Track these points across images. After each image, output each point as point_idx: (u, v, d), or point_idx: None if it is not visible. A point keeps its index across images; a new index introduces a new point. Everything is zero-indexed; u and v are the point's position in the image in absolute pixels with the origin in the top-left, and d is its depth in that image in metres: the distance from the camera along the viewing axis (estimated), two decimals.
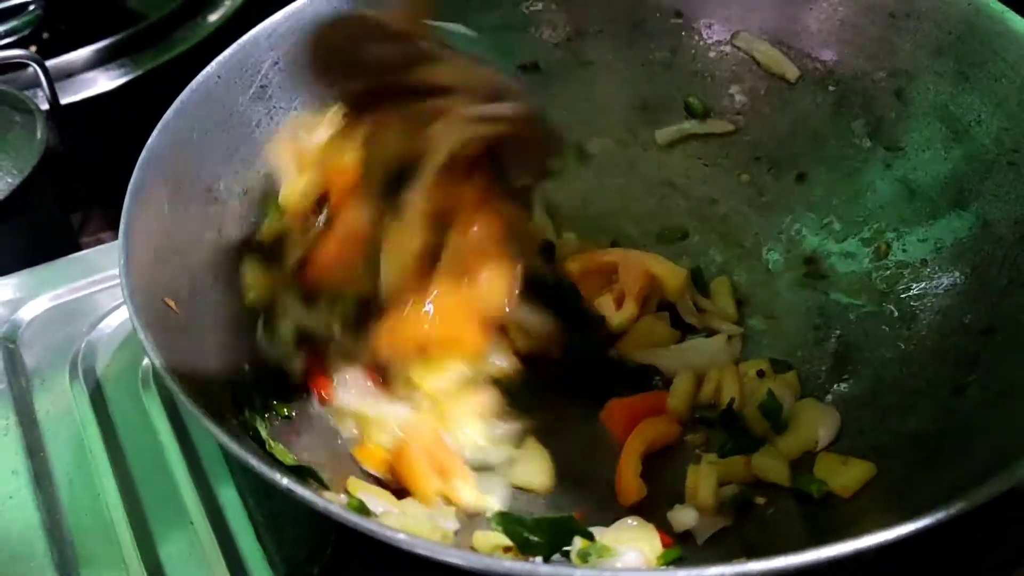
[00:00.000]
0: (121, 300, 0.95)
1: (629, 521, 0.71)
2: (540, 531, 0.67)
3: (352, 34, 0.70)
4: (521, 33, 0.98)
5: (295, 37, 0.88)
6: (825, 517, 0.71)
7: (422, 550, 0.54)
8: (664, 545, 0.69)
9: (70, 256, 1.03)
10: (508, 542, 0.68)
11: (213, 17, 1.61)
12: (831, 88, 0.90)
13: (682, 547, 0.70)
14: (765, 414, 0.77)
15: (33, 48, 1.46)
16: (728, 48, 0.94)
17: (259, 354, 0.78)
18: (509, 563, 0.54)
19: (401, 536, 0.53)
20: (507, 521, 0.69)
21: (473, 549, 0.69)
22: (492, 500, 0.76)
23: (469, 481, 0.76)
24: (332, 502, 0.56)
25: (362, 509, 0.69)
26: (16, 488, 0.83)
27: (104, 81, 1.48)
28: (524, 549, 0.67)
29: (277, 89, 0.87)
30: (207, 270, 0.78)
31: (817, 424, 0.77)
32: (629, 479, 0.76)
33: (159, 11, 1.57)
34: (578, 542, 0.65)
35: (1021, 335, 0.71)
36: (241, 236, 0.83)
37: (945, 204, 0.81)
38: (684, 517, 0.72)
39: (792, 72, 0.92)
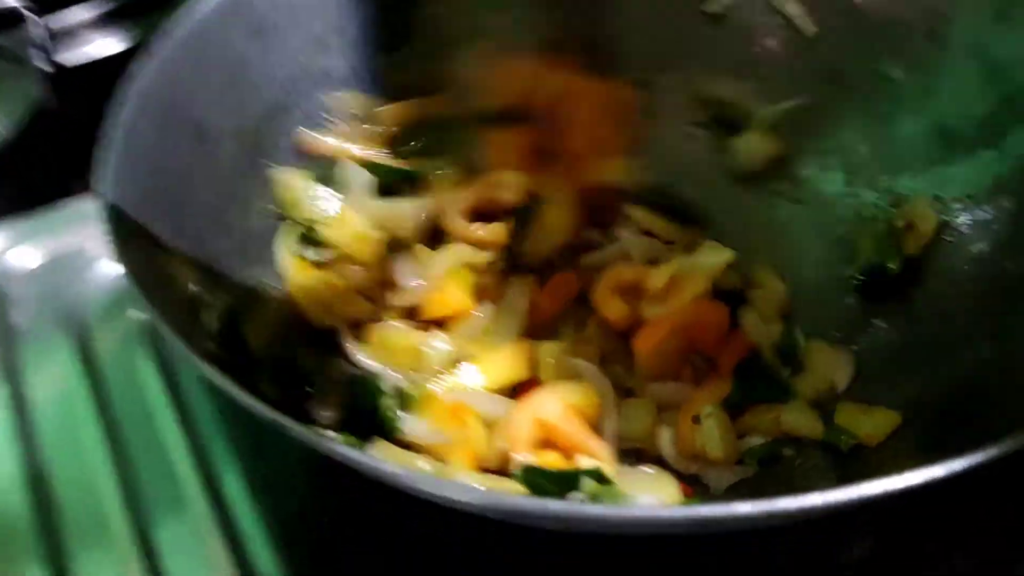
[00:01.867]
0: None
1: (646, 469, 0.67)
2: (556, 480, 0.64)
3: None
4: None
5: None
6: (855, 469, 0.67)
7: (424, 486, 0.49)
8: (685, 495, 0.66)
9: (61, 205, 0.99)
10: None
11: None
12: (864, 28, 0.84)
13: (702, 499, 0.66)
14: (781, 355, 0.73)
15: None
16: None
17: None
18: (520, 499, 0.50)
19: (400, 472, 0.48)
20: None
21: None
22: None
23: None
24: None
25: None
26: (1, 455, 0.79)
27: (106, 43, 1.44)
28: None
29: (272, 27, 0.83)
30: (196, 213, 0.74)
31: (833, 366, 0.74)
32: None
33: None
34: (588, 486, 0.61)
35: None
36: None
37: (982, 144, 0.76)
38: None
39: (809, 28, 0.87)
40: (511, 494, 0.58)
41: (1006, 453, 0.50)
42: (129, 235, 0.63)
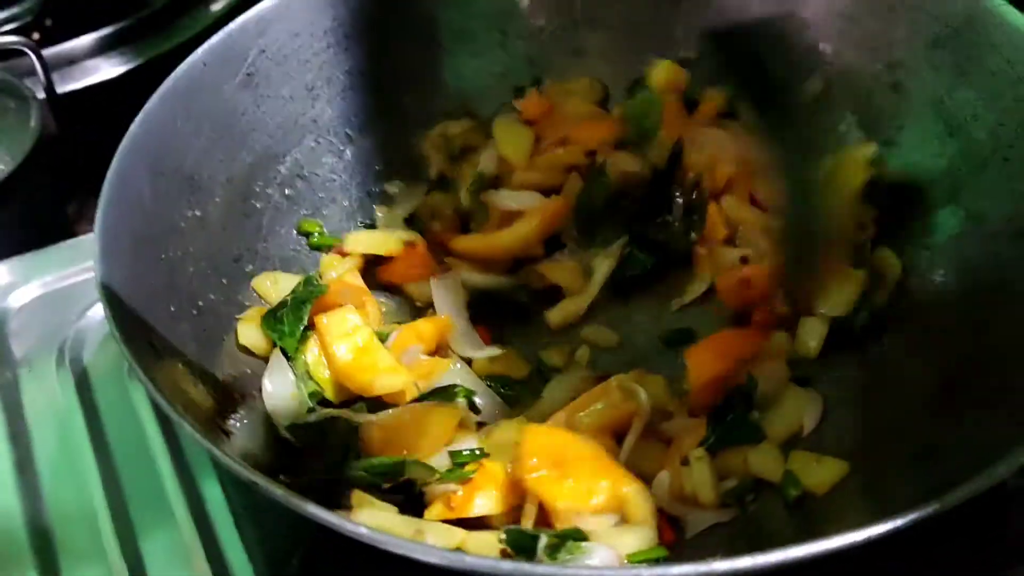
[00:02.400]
0: None
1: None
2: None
3: None
4: None
5: (282, 26, 0.87)
6: (809, 513, 0.70)
7: (389, 547, 0.53)
8: (663, 540, 0.68)
9: (61, 243, 1.03)
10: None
11: (216, 6, 1.61)
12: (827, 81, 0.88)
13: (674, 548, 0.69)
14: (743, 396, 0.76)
15: (36, 35, 1.46)
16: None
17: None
18: (471, 559, 0.53)
19: (363, 531, 0.52)
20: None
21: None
22: None
23: None
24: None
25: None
26: None
27: (106, 69, 1.47)
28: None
29: (264, 77, 0.87)
30: (186, 261, 0.78)
31: (802, 408, 0.76)
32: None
33: None
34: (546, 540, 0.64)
35: (1012, 339, 0.69)
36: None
37: (939, 200, 0.79)
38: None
39: None
40: (465, 554, 0.60)
41: (947, 508, 0.53)
42: (123, 307, 0.67)
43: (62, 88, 1.37)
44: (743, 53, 0.70)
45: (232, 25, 0.85)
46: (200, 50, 0.83)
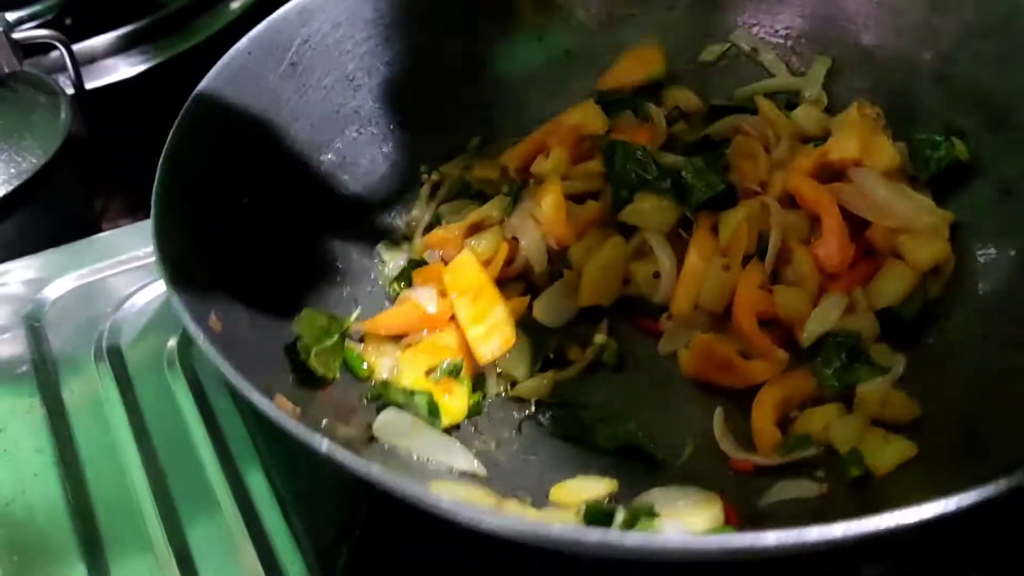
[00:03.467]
0: (145, 281, 0.96)
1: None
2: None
3: None
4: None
5: (325, 15, 0.87)
6: (871, 494, 0.70)
7: (466, 516, 0.52)
8: (727, 521, 0.68)
9: (93, 237, 1.03)
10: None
11: (235, 4, 1.61)
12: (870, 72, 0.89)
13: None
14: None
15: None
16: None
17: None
18: (558, 529, 0.53)
19: (445, 502, 0.51)
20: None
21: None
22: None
23: None
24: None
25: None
26: (41, 466, 0.82)
27: (126, 68, 1.47)
28: None
29: (307, 67, 0.87)
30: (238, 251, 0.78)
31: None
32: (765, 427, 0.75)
33: None
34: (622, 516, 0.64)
35: None
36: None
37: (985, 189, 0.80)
38: None
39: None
40: (547, 523, 0.61)
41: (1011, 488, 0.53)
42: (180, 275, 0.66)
43: (87, 85, 1.37)
44: None
45: (276, 14, 0.85)
46: (245, 39, 0.83)
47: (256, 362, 0.69)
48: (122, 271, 0.99)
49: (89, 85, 1.40)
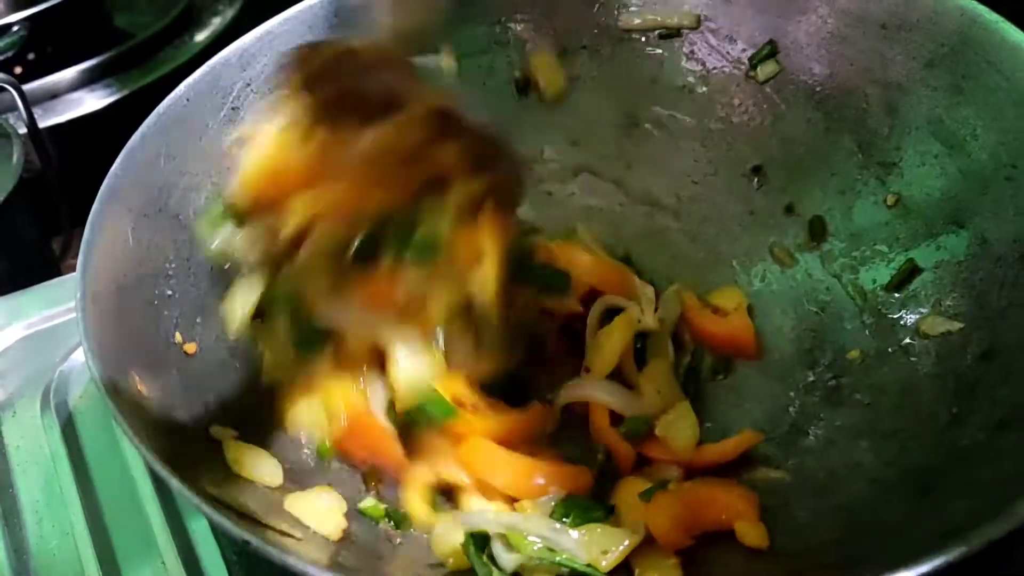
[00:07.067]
0: None
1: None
2: None
3: (334, 64, 0.68)
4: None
5: (267, 58, 0.85)
6: None
7: None
8: None
9: (44, 283, 1.01)
10: None
11: (200, 37, 1.60)
12: (821, 103, 0.87)
13: None
14: None
15: (18, 69, 1.45)
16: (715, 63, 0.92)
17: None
18: None
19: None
20: None
21: None
22: None
23: None
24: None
25: None
26: None
27: (90, 101, 1.46)
28: None
29: (249, 111, 0.85)
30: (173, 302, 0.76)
31: None
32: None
33: (146, 30, 1.56)
34: None
35: (1022, 360, 0.67)
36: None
37: (941, 222, 0.78)
38: None
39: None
40: None
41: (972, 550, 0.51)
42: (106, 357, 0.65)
43: (45, 122, 1.36)
44: None
45: (215, 59, 0.84)
46: (183, 85, 0.81)
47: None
48: (71, 318, 0.97)
49: (52, 121, 1.40)
